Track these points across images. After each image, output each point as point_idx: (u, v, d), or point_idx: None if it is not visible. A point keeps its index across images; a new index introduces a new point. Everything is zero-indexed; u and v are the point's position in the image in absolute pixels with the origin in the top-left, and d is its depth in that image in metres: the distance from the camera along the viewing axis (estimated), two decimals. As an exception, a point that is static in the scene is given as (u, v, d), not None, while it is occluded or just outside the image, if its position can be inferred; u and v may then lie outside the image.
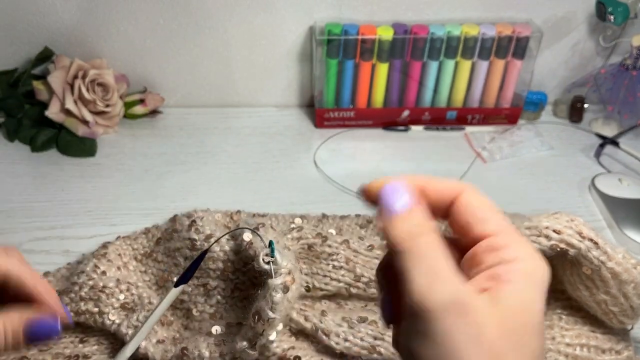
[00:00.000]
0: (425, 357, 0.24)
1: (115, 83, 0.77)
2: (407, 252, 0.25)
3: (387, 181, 0.27)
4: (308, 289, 0.50)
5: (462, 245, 0.28)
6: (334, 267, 0.52)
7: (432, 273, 0.24)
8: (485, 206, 0.28)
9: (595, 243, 0.44)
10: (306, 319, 0.48)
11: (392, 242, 0.26)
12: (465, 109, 0.82)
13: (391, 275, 0.28)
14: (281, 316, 0.44)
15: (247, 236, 0.48)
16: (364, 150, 0.79)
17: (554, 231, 0.45)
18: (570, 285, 0.48)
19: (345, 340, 0.48)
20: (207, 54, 0.81)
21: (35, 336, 0.33)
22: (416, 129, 0.82)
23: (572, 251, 0.44)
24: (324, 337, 0.48)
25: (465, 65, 0.78)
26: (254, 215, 0.60)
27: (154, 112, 0.83)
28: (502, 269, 0.26)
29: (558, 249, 0.45)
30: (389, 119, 0.82)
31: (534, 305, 0.25)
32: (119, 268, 0.54)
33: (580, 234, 0.44)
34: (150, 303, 0.51)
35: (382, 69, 0.78)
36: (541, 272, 0.26)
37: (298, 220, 0.41)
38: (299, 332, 0.49)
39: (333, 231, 0.55)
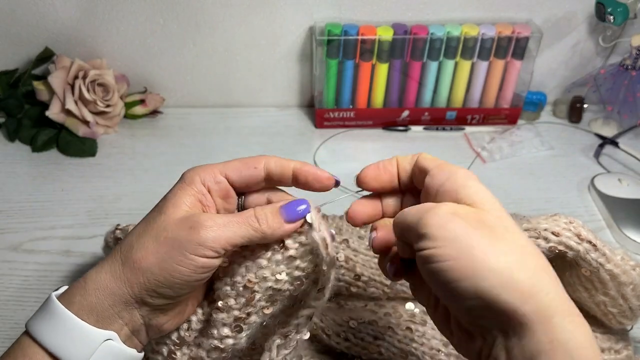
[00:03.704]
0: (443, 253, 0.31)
1: (115, 83, 0.77)
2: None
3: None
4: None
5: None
6: None
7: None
8: (430, 163, 0.38)
9: (594, 245, 0.44)
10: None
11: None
12: (464, 109, 0.82)
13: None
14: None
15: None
16: (363, 151, 0.79)
17: (553, 233, 0.45)
18: (570, 286, 0.48)
19: (346, 340, 0.48)
20: (207, 54, 0.81)
21: (288, 214, 0.38)
22: (416, 129, 0.82)
23: (570, 253, 0.44)
24: (324, 337, 0.48)
25: (465, 65, 0.78)
26: None
27: (154, 113, 0.83)
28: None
29: (556, 251, 0.45)
30: (389, 119, 0.82)
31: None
32: None
33: (578, 236, 0.44)
34: None
35: (382, 69, 0.78)
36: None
37: (311, 218, 0.41)
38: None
39: (333, 231, 0.54)
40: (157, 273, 0.35)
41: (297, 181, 0.40)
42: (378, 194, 0.41)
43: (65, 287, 0.38)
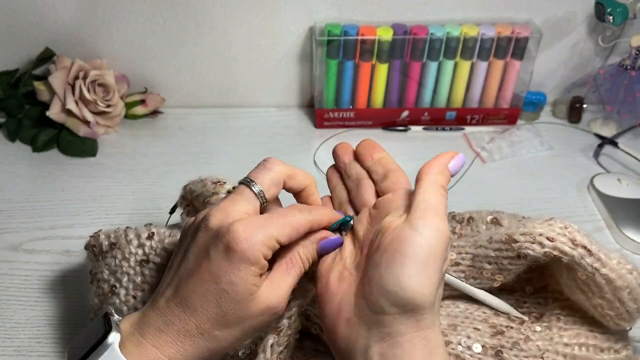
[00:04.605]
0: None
1: (115, 83, 0.77)
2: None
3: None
4: None
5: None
6: None
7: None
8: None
9: (589, 250, 0.44)
10: (307, 318, 0.49)
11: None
12: (464, 109, 0.82)
13: None
14: None
15: None
16: (363, 151, 0.79)
17: (548, 238, 0.45)
18: (567, 287, 0.48)
19: (345, 339, 0.48)
20: (207, 54, 0.81)
21: (325, 251, 0.41)
22: (415, 129, 0.82)
23: (565, 258, 0.44)
24: (324, 336, 0.48)
25: (465, 65, 0.78)
26: None
27: (154, 113, 0.83)
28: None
29: (552, 256, 0.45)
30: (389, 120, 0.82)
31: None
32: None
33: (573, 241, 0.44)
34: None
35: (382, 70, 0.78)
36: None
37: None
38: (300, 332, 0.49)
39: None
40: (241, 344, 0.40)
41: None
42: None
43: (118, 337, 0.36)
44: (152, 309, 0.37)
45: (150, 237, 0.49)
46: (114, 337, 0.36)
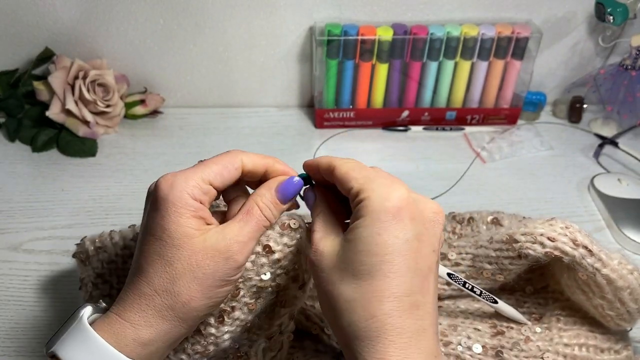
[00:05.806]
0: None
1: (115, 83, 0.77)
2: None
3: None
4: None
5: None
6: None
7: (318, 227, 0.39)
8: (347, 171, 0.38)
9: (590, 250, 0.44)
10: (307, 318, 0.49)
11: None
12: (464, 109, 0.82)
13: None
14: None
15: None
16: (363, 151, 0.79)
17: (549, 239, 0.45)
18: (568, 288, 0.48)
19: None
20: (207, 54, 0.81)
21: (286, 194, 0.40)
22: (416, 129, 0.82)
23: (566, 258, 0.44)
24: (324, 337, 0.49)
25: (465, 65, 0.78)
26: None
27: (154, 113, 0.83)
28: (356, 209, 0.36)
29: (552, 256, 0.45)
30: (389, 119, 0.82)
31: (379, 236, 0.34)
32: None
33: (574, 241, 0.44)
34: None
35: (382, 70, 0.78)
36: (380, 205, 0.35)
37: (294, 223, 0.41)
38: (300, 332, 0.50)
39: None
40: (206, 303, 0.37)
41: (267, 178, 0.42)
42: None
43: (89, 311, 0.37)
44: (125, 287, 0.39)
45: (135, 238, 0.49)
46: (83, 310, 0.37)
